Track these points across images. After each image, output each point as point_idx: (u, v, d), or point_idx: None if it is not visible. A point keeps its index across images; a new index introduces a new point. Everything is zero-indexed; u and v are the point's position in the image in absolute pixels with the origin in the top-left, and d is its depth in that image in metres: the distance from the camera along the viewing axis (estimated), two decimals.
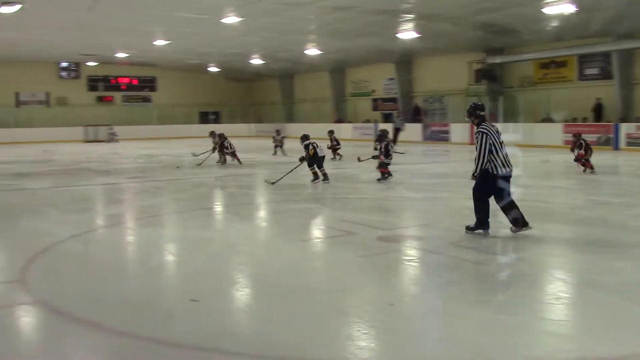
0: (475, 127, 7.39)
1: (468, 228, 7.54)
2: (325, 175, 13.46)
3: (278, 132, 24.12)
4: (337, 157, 19.95)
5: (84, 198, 12.21)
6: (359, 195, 12.07)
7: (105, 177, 16.20)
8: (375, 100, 36.35)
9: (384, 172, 13.62)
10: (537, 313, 4.84)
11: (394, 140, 27.14)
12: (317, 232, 8.68)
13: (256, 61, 35.81)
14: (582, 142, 14.93)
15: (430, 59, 31.70)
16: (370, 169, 15.76)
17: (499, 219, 7.63)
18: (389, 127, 30.02)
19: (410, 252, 7.11)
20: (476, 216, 7.43)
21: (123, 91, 42.15)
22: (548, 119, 26.00)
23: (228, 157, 18.66)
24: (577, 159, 14.95)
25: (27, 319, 4.96)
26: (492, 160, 7.16)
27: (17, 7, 18.74)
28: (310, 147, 13.62)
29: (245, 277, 6.20)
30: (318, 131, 35.82)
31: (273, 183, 13.22)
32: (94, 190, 13.63)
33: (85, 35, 26.92)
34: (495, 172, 7.19)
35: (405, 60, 32.72)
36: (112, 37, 27.75)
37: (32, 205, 11.21)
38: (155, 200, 12.07)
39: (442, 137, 29.24)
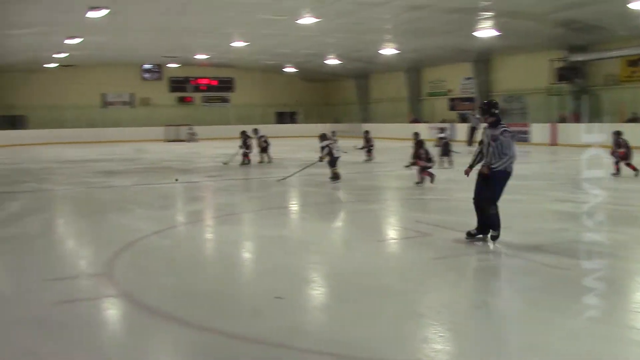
0: (490, 126, 7.16)
1: (469, 234, 7.34)
2: (335, 175, 13.69)
3: (333, 133, 20.74)
4: (369, 157, 19.90)
5: (165, 195, 12.61)
6: (434, 196, 11.91)
7: (186, 175, 16.67)
8: (452, 100, 35.76)
9: (425, 176, 13.19)
10: (624, 321, 4.63)
11: (469, 141, 26.17)
12: (392, 232, 8.63)
13: (332, 61, 35.93)
14: (621, 140, 14.03)
15: (509, 57, 30.88)
16: (447, 170, 15.52)
17: (583, 223, 7.35)
18: (462, 127, 29.47)
19: (487, 255, 6.95)
20: (491, 220, 7.21)
21: (202, 92, 43.27)
22: (635, 119, 24.81)
23: (261, 155, 18.71)
24: (620, 159, 13.97)
25: (112, 311, 5.16)
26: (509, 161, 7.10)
27: (104, 12, 19.55)
28: (327, 148, 13.62)
29: (321, 276, 6.23)
30: (393, 131, 35.88)
31: (281, 180, 13.65)
32: (175, 188, 14.05)
33: (169, 38, 27.81)
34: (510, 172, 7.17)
35: (483, 59, 32.02)
36: (193, 39, 28.56)
37: (118, 202, 11.68)
38: (232, 198, 12.32)
39: (521, 137, 28.38)
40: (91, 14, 19.91)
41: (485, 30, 24.42)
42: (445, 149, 17.40)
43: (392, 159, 21.38)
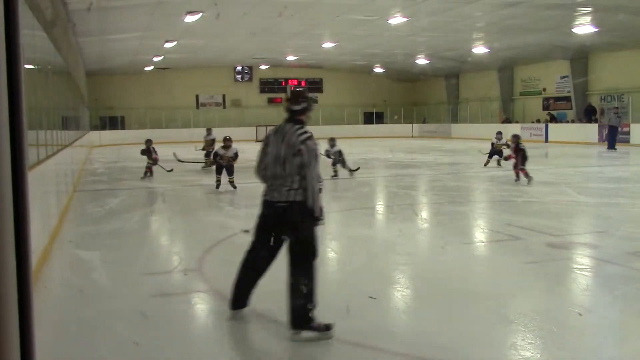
0: (289, 128, 4.68)
1: None
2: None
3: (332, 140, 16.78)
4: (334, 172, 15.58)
5: (254, 195, 12.86)
6: (526, 199, 11.54)
7: None
8: (546, 99, 34.53)
9: (525, 173, 13.17)
10: None
11: (611, 144, 23.45)
12: (480, 235, 8.43)
13: (421, 61, 35.57)
14: (519, 145, 13.36)
15: (608, 54, 29.47)
16: (539, 171, 15.03)
17: None
18: (586, 128, 28.32)
19: (583, 261, 6.66)
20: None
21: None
22: None
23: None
24: (515, 166, 13.45)
25: (202, 306, 5.33)
26: None
27: (199, 15, 20.23)
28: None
29: (406, 277, 6.18)
30: (483, 131, 35.06)
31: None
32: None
33: (261, 40, 28.42)
34: None
35: (580, 56, 30.73)
36: (285, 41, 29.06)
37: (210, 200, 12.04)
38: None
39: (620, 138, 27.06)
40: (189, 18, 20.66)
41: (583, 27, 23.44)
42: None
43: (481, 160, 20.91)
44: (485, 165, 16.98)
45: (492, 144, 17.21)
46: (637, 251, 6.71)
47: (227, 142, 13.05)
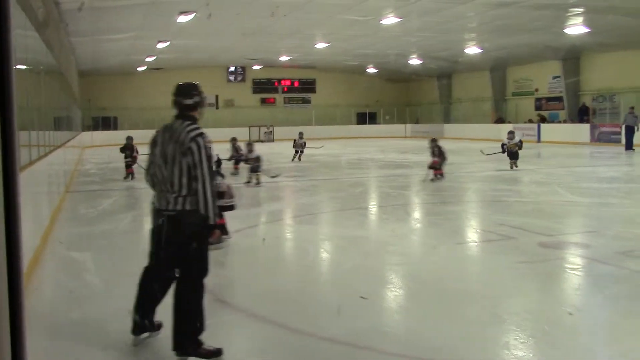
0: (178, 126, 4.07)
1: None
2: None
3: (300, 135, 21.75)
4: (236, 171, 16.54)
5: (246, 195, 12.87)
6: (519, 199, 11.58)
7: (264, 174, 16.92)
8: (538, 99, 34.65)
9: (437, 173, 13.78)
10: None
11: (629, 144, 22.97)
12: (473, 235, 8.45)
13: (414, 61, 35.64)
14: (437, 148, 13.85)
15: (600, 54, 29.60)
16: (531, 171, 15.09)
17: None
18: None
19: (575, 261, 6.68)
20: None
21: (284, 93, 43.90)
22: None
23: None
24: (431, 166, 13.81)
25: None
26: None
27: (192, 15, 20.20)
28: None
29: (399, 278, 6.19)
30: (476, 132, 35.15)
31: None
32: (256, 187, 14.31)
33: (254, 41, 28.41)
34: None
35: (572, 57, 30.85)
36: (277, 41, 29.05)
37: None
38: (312, 198, 12.43)
39: (612, 138, 27.17)
40: (181, 18, 20.62)
41: (575, 27, 23.54)
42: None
43: (473, 160, 20.96)
44: (511, 168, 15.94)
45: (504, 144, 16.41)
46: (628, 251, 6.75)
47: (250, 146, 14.44)
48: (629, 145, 22.98)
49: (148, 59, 33.43)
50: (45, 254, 7.04)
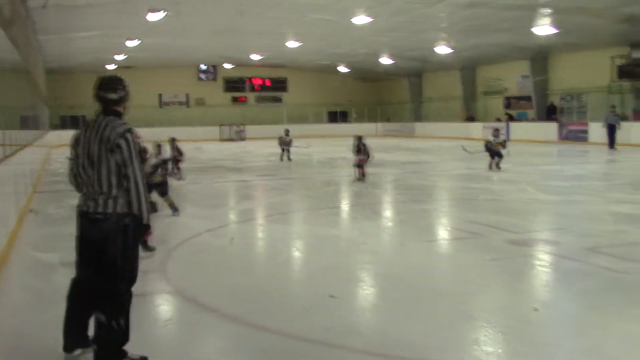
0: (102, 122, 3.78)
1: None
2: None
3: (287, 132, 20.88)
4: (178, 173, 13.50)
5: (218, 194, 12.81)
6: (489, 197, 11.72)
7: (237, 174, 16.89)
8: (507, 98, 35.09)
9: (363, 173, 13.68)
10: None
11: (611, 143, 22.87)
12: (443, 233, 8.53)
13: (385, 60, 35.81)
14: (362, 146, 13.80)
15: (568, 54, 30.09)
16: (500, 169, 15.26)
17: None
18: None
19: (543, 257, 6.79)
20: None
21: (256, 92, 43.76)
22: None
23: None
24: (358, 165, 13.75)
25: (165, 307, 5.28)
26: None
27: (162, 14, 20.01)
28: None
29: (371, 276, 6.22)
30: (446, 130, 35.46)
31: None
32: (228, 187, 14.25)
33: (225, 39, 28.29)
34: None
35: (540, 56, 31.31)
36: (249, 40, 28.96)
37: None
38: (284, 197, 12.41)
39: (579, 136, 27.67)
40: (151, 16, 20.41)
41: (544, 27, 23.89)
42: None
43: (444, 159, 21.15)
44: (490, 168, 15.56)
45: (488, 143, 15.98)
46: (594, 247, 6.87)
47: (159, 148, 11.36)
48: (612, 144, 23.00)
49: (117, 58, 33.04)
50: (12, 256, 6.91)
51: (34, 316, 4.85)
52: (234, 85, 43.09)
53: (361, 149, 13.82)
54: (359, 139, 14.07)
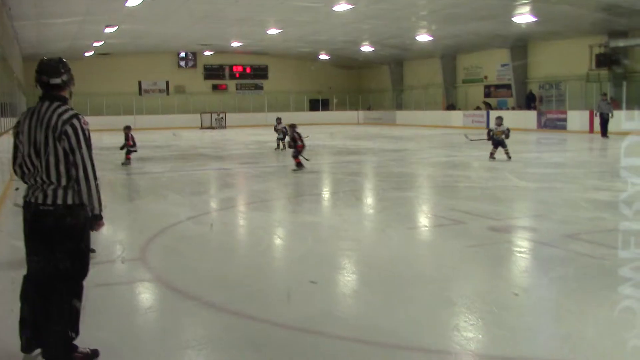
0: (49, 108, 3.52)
1: None
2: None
3: (278, 120, 20.32)
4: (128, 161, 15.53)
5: (199, 182, 12.74)
6: (469, 184, 11.79)
7: (218, 162, 16.80)
8: (487, 87, 35.27)
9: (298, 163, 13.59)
10: None
11: (604, 132, 22.37)
12: (424, 220, 8.57)
13: (366, 48, 35.76)
14: (297, 134, 13.81)
15: (547, 43, 30.29)
16: (480, 157, 15.35)
17: (621, 212, 7.19)
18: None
19: (523, 244, 6.86)
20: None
21: (236, 79, 43.48)
22: None
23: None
24: (297, 153, 13.66)
25: (146, 295, 5.25)
26: None
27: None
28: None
29: (352, 263, 6.23)
30: (427, 118, 35.58)
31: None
32: (209, 174, 14.17)
33: (204, 26, 28.00)
34: None
35: (520, 45, 31.48)
36: (229, 27, 28.71)
37: (153, 188, 11.83)
38: (265, 185, 12.37)
39: (558, 125, 27.93)
40: (130, 3, 20.14)
41: (523, 16, 24.00)
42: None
43: (424, 147, 21.24)
44: (491, 156, 15.06)
45: (490, 131, 15.39)
46: (573, 234, 6.95)
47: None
48: (604, 133, 22.73)
49: (95, 44, 32.60)
50: None
51: (10, 304, 4.79)
52: (214, 72, 42.75)
53: (295, 138, 13.73)
54: (293, 127, 14.11)
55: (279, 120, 20.10)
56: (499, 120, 15.41)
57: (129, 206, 9.91)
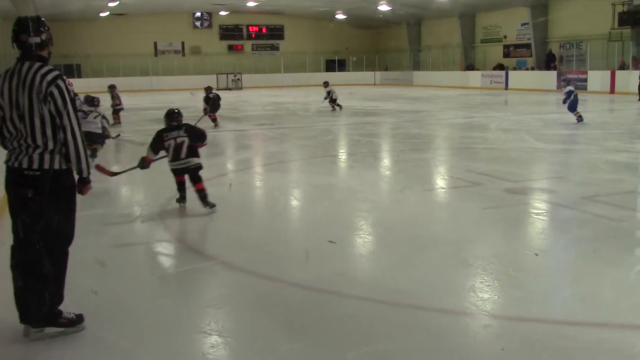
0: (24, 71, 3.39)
1: None
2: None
3: (327, 83, 19.95)
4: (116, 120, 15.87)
5: (216, 143, 12.75)
6: (487, 145, 11.70)
7: (235, 123, 16.80)
8: (506, 46, 34.67)
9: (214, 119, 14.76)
10: None
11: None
12: (441, 182, 8.53)
13: (383, 7, 35.19)
14: (216, 96, 15.21)
15: (568, 1, 29.60)
16: (498, 118, 15.20)
17: None
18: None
19: (540, 206, 6.82)
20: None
21: (252, 40, 43.14)
22: None
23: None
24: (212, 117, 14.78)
25: (164, 255, 5.32)
26: None
27: None
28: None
29: (368, 224, 6.25)
30: (445, 79, 35.16)
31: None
32: (225, 136, 14.18)
33: None
34: None
35: (541, 3, 30.79)
36: None
37: None
38: (282, 146, 12.37)
39: (579, 85, 27.37)
40: None
41: None
42: None
43: (442, 108, 21.04)
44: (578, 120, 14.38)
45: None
46: (591, 195, 6.90)
47: None
48: None
49: (110, 4, 32.41)
50: None
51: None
52: (230, 33, 42.43)
53: (209, 100, 14.65)
54: (208, 90, 15.08)
55: (326, 83, 19.67)
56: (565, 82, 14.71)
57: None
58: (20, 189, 3.32)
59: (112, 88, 15.79)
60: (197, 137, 6.56)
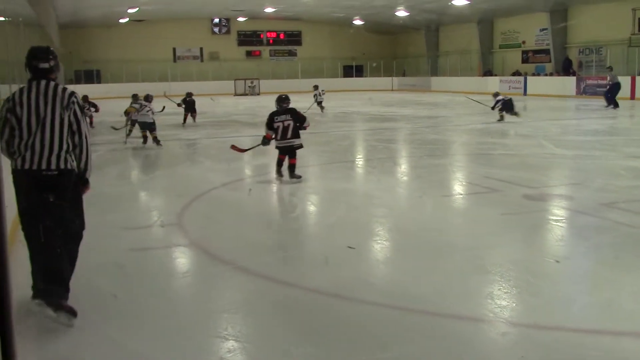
0: None
1: None
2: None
3: (316, 87, 21.85)
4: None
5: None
6: (504, 151, 11.63)
7: (253, 129, 16.85)
8: (525, 52, 34.47)
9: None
10: None
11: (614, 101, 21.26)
12: (459, 188, 8.50)
13: (401, 13, 35.17)
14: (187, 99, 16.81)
15: (587, 6, 29.35)
16: (517, 124, 15.11)
17: None
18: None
19: (559, 212, 6.76)
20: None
21: (270, 45, 43.33)
22: None
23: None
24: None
25: (182, 259, 5.35)
26: None
27: None
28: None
29: (385, 230, 6.24)
30: (462, 85, 35.02)
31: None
32: (242, 141, 14.23)
33: None
34: None
35: (560, 9, 30.57)
36: None
37: (189, 155, 11.96)
38: (299, 151, 12.37)
39: (598, 91, 27.19)
40: None
41: None
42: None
43: (460, 114, 20.96)
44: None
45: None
46: (610, 202, 6.83)
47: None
48: (614, 104, 22.21)
49: (130, 11, 32.76)
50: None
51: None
52: (248, 39, 42.68)
53: (186, 102, 16.24)
54: (188, 94, 16.31)
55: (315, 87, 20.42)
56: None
57: (165, 172, 10.06)
58: (41, 192, 3.65)
59: (85, 98, 16.40)
60: (301, 120, 8.52)
